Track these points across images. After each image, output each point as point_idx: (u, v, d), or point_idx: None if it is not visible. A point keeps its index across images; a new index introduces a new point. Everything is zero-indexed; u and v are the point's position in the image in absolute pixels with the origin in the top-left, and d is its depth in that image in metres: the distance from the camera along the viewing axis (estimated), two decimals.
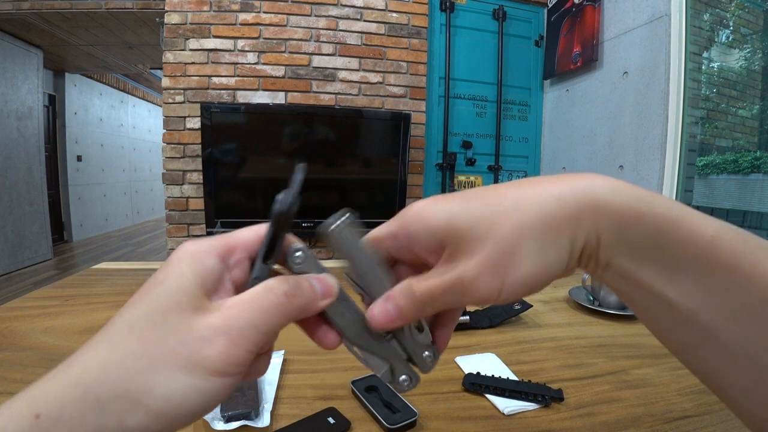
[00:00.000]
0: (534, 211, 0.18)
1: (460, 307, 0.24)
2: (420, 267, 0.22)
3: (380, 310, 0.20)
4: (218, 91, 2.09)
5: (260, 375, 0.20)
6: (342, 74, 2.21)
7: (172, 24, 2.04)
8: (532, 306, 0.61)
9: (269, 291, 0.18)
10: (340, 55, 2.20)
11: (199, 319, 0.17)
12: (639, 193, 0.18)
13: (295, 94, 2.16)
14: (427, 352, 0.22)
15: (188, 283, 0.18)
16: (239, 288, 0.19)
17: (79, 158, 4.75)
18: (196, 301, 0.17)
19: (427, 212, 0.20)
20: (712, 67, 2.02)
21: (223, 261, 0.19)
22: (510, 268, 0.18)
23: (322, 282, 0.20)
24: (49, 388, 0.15)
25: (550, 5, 2.48)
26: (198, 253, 0.19)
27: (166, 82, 2.05)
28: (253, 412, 0.36)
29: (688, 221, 0.18)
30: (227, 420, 0.35)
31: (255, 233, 0.20)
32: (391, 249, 0.22)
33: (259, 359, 0.20)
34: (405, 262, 0.23)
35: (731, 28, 2.02)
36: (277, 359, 0.46)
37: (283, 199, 0.20)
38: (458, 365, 0.47)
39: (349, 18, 2.19)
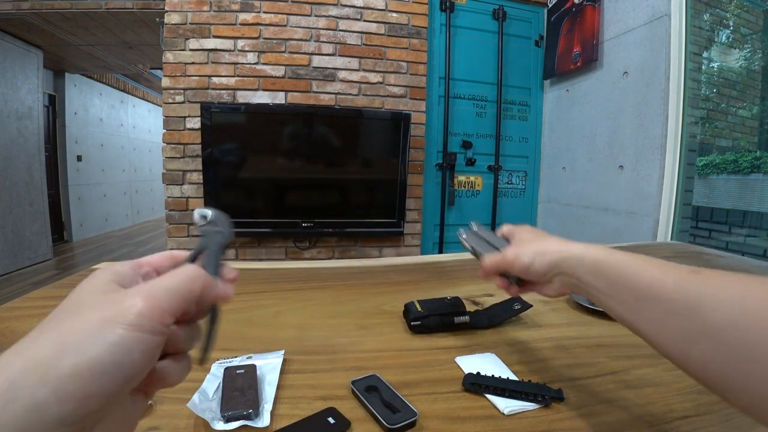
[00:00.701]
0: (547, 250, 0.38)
1: (516, 273, 0.40)
2: None
3: (481, 268, 0.43)
4: (218, 91, 2.09)
5: (174, 381, 0.21)
6: (342, 74, 2.21)
7: (172, 24, 2.04)
8: (531, 306, 0.61)
9: (184, 267, 0.21)
10: (340, 55, 2.20)
11: (110, 294, 0.19)
12: (603, 253, 0.34)
13: (295, 94, 2.16)
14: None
15: (100, 280, 0.20)
16: None
17: (79, 158, 4.75)
18: (111, 286, 0.19)
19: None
20: (712, 67, 2.02)
21: (133, 269, 0.22)
22: (522, 254, 0.39)
23: (224, 281, 0.24)
24: None
25: (550, 5, 2.48)
26: (110, 265, 0.22)
27: (166, 82, 2.05)
28: (253, 412, 0.36)
29: (616, 264, 0.33)
30: (227, 420, 0.35)
31: (161, 256, 0.25)
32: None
33: (174, 360, 0.21)
34: None
35: (731, 28, 2.02)
36: (277, 359, 0.46)
37: (223, 231, 0.27)
38: (458, 365, 0.47)
39: (349, 18, 2.19)
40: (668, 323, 0.26)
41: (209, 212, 0.28)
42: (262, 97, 2.13)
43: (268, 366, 0.44)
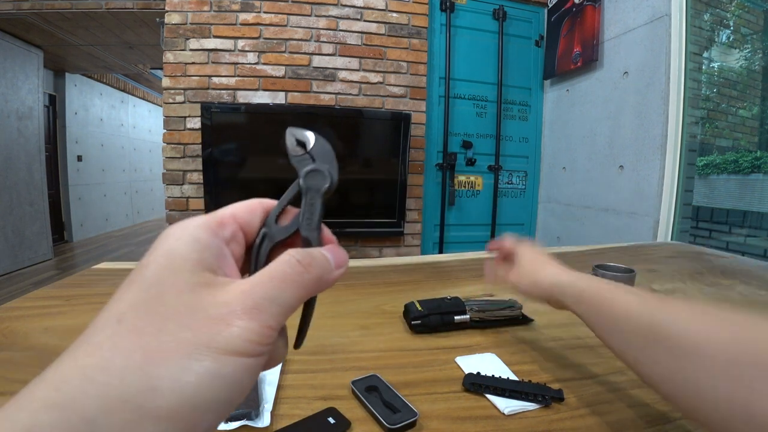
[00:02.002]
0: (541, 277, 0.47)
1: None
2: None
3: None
4: (218, 91, 2.09)
5: (280, 361, 0.18)
6: (342, 74, 2.21)
7: (173, 24, 2.04)
8: (533, 320, 0.61)
9: (283, 262, 0.17)
10: (340, 55, 2.20)
11: (204, 297, 0.15)
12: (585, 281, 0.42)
13: (295, 94, 2.16)
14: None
15: (183, 259, 0.15)
16: (239, 263, 0.18)
17: (79, 158, 4.75)
18: (197, 277, 0.15)
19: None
20: (712, 67, 2.02)
21: (216, 235, 0.17)
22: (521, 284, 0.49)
23: (334, 252, 0.19)
24: (12, 416, 0.11)
25: (550, 5, 2.48)
26: (188, 228, 0.17)
27: (166, 82, 2.05)
28: (253, 412, 0.36)
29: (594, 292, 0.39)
30: (227, 420, 0.35)
31: (244, 205, 0.20)
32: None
33: (278, 342, 0.18)
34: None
35: (731, 28, 2.02)
36: None
37: (329, 174, 0.20)
38: (458, 365, 0.47)
39: (349, 18, 2.19)
40: (632, 341, 0.32)
41: (310, 137, 0.21)
42: (262, 97, 2.13)
43: None
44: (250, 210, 0.20)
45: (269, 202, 0.21)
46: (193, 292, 0.15)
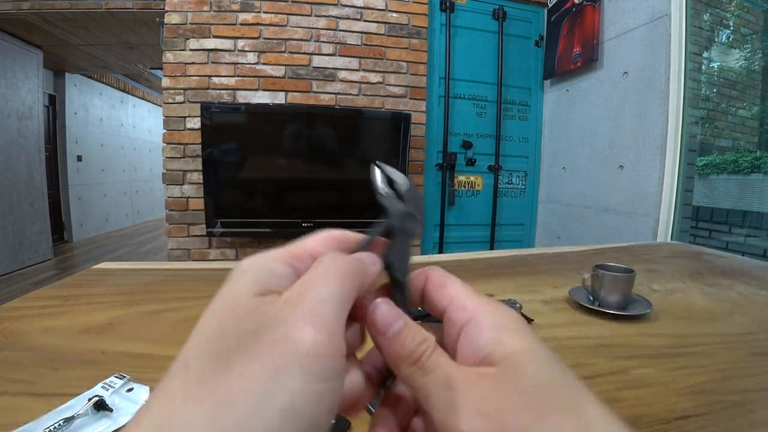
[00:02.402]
0: None
1: None
2: None
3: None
4: (218, 91, 2.09)
5: (360, 394, 0.17)
6: (342, 74, 2.21)
7: (172, 24, 2.04)
8: (533, 319, 0.61)
9: (334, 258, 0.16)
10: (340, 55, 2.20)
11: (265, 310, 0.14)
12: None
13: (295, 94, 2.16)
14: None
15: (244, 283, 0.15)
16: None
17: (79, 158, 4.75)
18: (257, 289, 0.15)
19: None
20: (712, 67, 2.02)
21: (288, 266, 0.16)
22: None
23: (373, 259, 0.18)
24: None
25: (550, 5, 2.48)
26: (258, 260, 0.16)
27: (166, 82, 2.05)
28: None
29: None
30: None
31: (317, 239, 0.18)
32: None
33: (351, 367, 0.17)
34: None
35: (731, 28, 2.02)
36: None
37: (417, 217, 0.20)
38: None
39: (349, 18, 2.19)
40: None
41: (400, 179, 0.21)
42: (262, 97, 2.13)
43: None
44: (325, 244, 0.18)
45: (339, 234, 0.19)
46: (255, 297, 0.14)
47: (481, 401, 0.14)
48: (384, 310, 0.17)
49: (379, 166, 0.21)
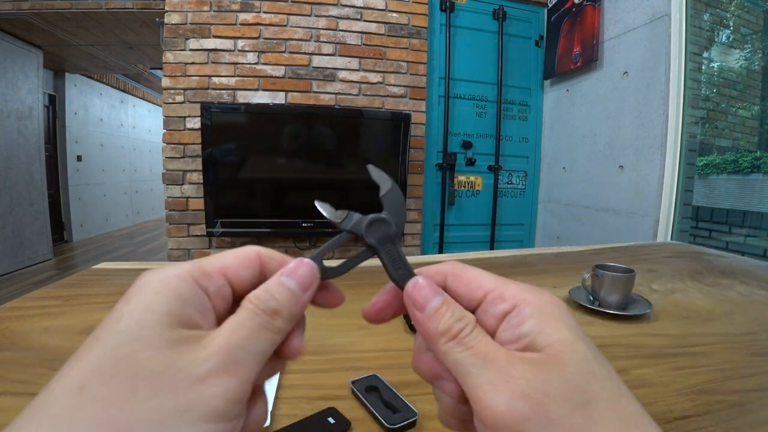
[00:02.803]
0: None
1: None
2: None
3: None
4: (218, 91, 2.09)
5: (262, 424, 0.17)
6: (342, 74, 2.21)
7: (172, 24, 2.04)
8: None
9: (246, 310, 0.16)
10: (340, 55, 2.20)
11: (183, 355, 0.13)
12: None
13: (295, 94, 2.16)
14: None
15: (160, 313, 0.14)
16: (222, 320, 0.16)
17: (79, 158, 4.75)
18: (175, 333, 0.14)
19: None
20: (712, 67, 2.02)
21: (199, 288, 0.16)
22: None
23: (294, 274, 0.17)
24: None
25: (550, 5, 2.48)
26: (168, 279, 0.15)
27: (166, 82, 2.05)
28: None
29: None
30: None
31: (237, 259, 0.17)
32: None
33: (256, 402, 0.16)
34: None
35: (731, 28, 2.02)
36: None
37: (397, 221, 0.20)
38: None
39: (349, 18, 2.19)
40: None
41: (386, 183, 0.20)
42: (262, 97, 2.13)
43: None
44: (244, 263, 0.17)
45: (267, 255, 0.19)
46: (170, 349, 0.13)
47: (524, 383, 0.14)
48: (423, 286, 0.17)
49: (369, 168, 0.21)
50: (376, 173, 0.21)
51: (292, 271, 0.17)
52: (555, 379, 0.14)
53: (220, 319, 0.16)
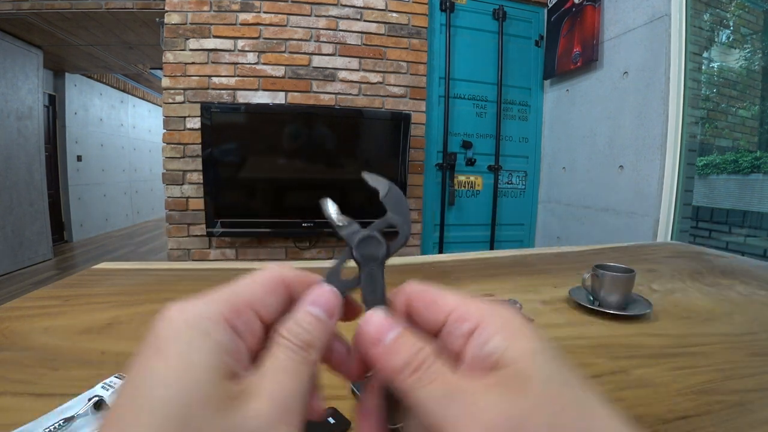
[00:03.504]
0: None
1: None
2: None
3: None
4: (218, 91, 2.09)
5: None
6: (342, 74, 2.21)
7: (172, 24, 2.04)
8: (532, 320, 0.61)
9: (281, 348, 0.15)
10: (340, 55, 2.20)
11: (236, 415, 0.13)
12: None
13: (295, 94, 2.16)
14: None
15: (202, 370, 0.13)
16: (254, 354, 0.16)
17: (79, 158, 4.75)
18: (221, 391, 0.13)
19: None
20: (712, 67, 2.02)
21: (231, 329, 0.15)
22: None
23: (319, 302, 0.17)
24: None
25: (550, 5, 2.48)
26: (200, 325, 0.14)
27: (166, 82, 2.05)
28: None
29: None
30: None
31: (262, 286, 0.17)
32: None
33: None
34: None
35: (731, 28, 2.02)
36: None
37: (404, 221, 0.19)
38: None
39: (349, 18, 2.19)
40: None
41: (383, 186, 0.20)
42: (262, 97, 2.13)
43: None
44: (270, 290, 0.17)
45: (292, 277, 0.18)
46: (224, 410, 0.13)
47: (491, 412, 0.13)
48: (377, 319, 0.17)
49: (365, 175, 0.20)
50: (371, 179, 0.21)
51: (317, 300, 0.17)
52: (522, 398, 0.13)
53: (251, 355, 0.16)
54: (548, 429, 0.13)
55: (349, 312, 0.19)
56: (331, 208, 0.20)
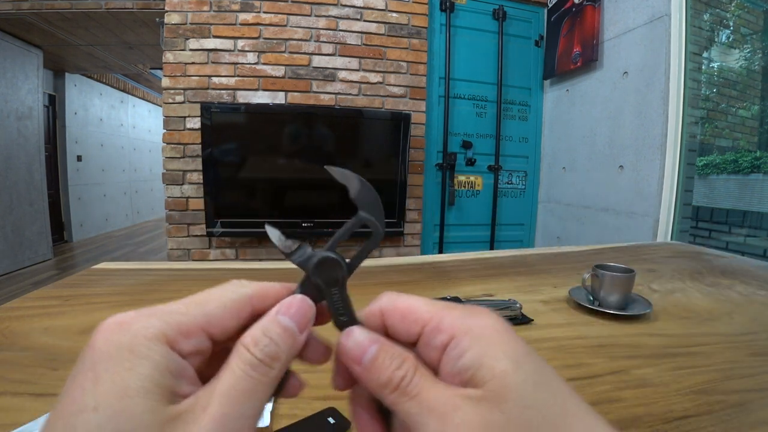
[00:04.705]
0: None
1: None
2: None
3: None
4: (218, 91, 2.09)
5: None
6: (342, 74, 2.21)
7: (172, 24, 2.04)
8: (532, 320, 0.61)
9: (238, 366, 0.14)
10: (340, 55, 2.20)
11: None
12: None
13: (295, 94, 2.16)
14: None
15: (140, 395, 0.12)
16: (201, 373, 0.15)
17: (79, 158, 4.75)
18: (159, 416, 0.12)
19: None
20: (712, 67, 2.02)
21: (175, 349, 0.14)
22: None
23: (291, 311, 0.16)
24: None
25: (550, 5, 2.48)
26: (137, 347, 0.13)
27: (166, 82, 2.05)
28: None
29: None
30: None
31: (222, 306, 0.16)
32: None
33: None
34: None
35: (731, 28, 2.02)
36: None
37: (378, 221, 0.18)
38: None
39: (349, 18, 2.19)
40: None
41: (354, 182, 0.18)
42: (262, 97, 2.13)
43: None
44: (231, 312, 0.16)
45: (259, 294, 0.17)
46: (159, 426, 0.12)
47: (466, 428, 0.13)
48: (356, 337, 0.16)
49: (329, 169, 0.19)
50: (338, 174, 0.19)
51: (288, 309, 0.16)
52: (497, 417, 0.13)
53: (199, 372, 0.15)
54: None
55: (321, 317, 0.19)
56: (275, 234, 0.19)
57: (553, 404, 0.14)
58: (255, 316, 0.16)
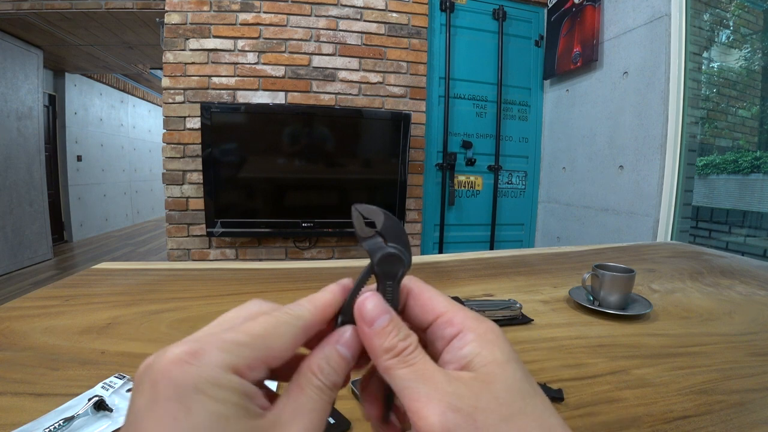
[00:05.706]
0: None
1: None
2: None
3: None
4: (218, 91, 2.09)
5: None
6: (342, 74, 2.21)
7: (172, 24, 2.04)
8: (532, 320, 0.61)
9: (312, 388, 0.16)
10: (340, 55, 2.20)
11: None
12: None
13: (295, 94, 2.16)
14: None
15: (233, 415, 0.13)
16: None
17: (79, 158, 4.75)
18: (253, 427, 0.14)
19: None
20: (712, 67, 2.02)
21: (246, 381, 0.15)
22: None
23: (348, 343, 0.18)
24: None
25: (550, 5, 2.48)
26: (217, 375, 0.14)
27: (166, 82, 2.05)
28: None
29: None
30: None
31: (283, 342, 0.16)
32: None
33: None
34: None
35: (731, 28, 2.02)
36: None
37: (401, 257, 0.19)
38: None
39: (349, 18, 2.19)
40: None
41: (379, 215, 0.20)
42: (262, 97, 2.13)
43: None
44: (292, 348, 0.17)
45: (314, 326, 0.18)
46: None
47: (456, 398, 0.15)
48: (373, 304, 0.18)
49: (355, 209, 0.20)
50: (365, 210, 0.20)
51: (347, 341, 0.18)
52: (485, 395, 0.15)
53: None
54: (497, 423, 0.15)
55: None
56: (359, 217, 0.20)
57: (535, 395, 0.16)
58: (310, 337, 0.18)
